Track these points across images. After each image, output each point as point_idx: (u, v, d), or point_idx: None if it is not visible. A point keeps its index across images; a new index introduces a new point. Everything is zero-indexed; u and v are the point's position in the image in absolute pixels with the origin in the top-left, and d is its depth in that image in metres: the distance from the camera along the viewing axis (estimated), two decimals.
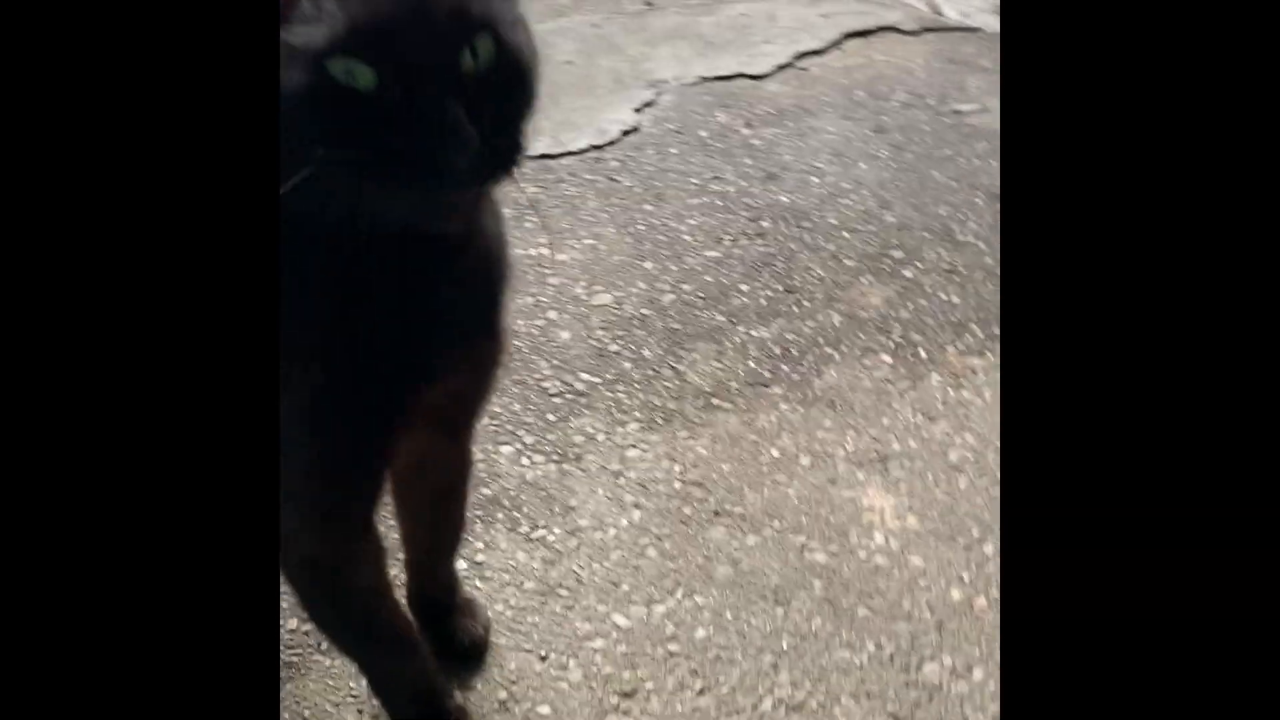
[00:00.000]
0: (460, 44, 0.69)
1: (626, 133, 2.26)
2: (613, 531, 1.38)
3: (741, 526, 1.40)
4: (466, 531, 1.18)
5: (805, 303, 1.81)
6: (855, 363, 1.69)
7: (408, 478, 1.08)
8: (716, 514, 1.41)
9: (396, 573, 1.16)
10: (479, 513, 1.39)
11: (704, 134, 2.28)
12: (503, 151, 0.73)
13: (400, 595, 1.13)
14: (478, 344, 0.91)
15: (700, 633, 1.25)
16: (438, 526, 1.15)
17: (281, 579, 0.99)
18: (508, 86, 0.73)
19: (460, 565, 1.32)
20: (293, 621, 1.25)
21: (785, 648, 1.24)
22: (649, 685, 1.19)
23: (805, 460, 1.50)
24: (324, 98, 0.68)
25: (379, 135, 0.68)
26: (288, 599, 1.25)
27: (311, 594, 1.00)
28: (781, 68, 2.59)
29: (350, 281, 0.77)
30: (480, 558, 1.33)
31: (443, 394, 0.91)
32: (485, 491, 1.42)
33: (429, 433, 0.98)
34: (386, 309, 0.80)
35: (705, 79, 2.51)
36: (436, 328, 0.84)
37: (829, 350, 1.71)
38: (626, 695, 1.18)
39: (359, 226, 0.72)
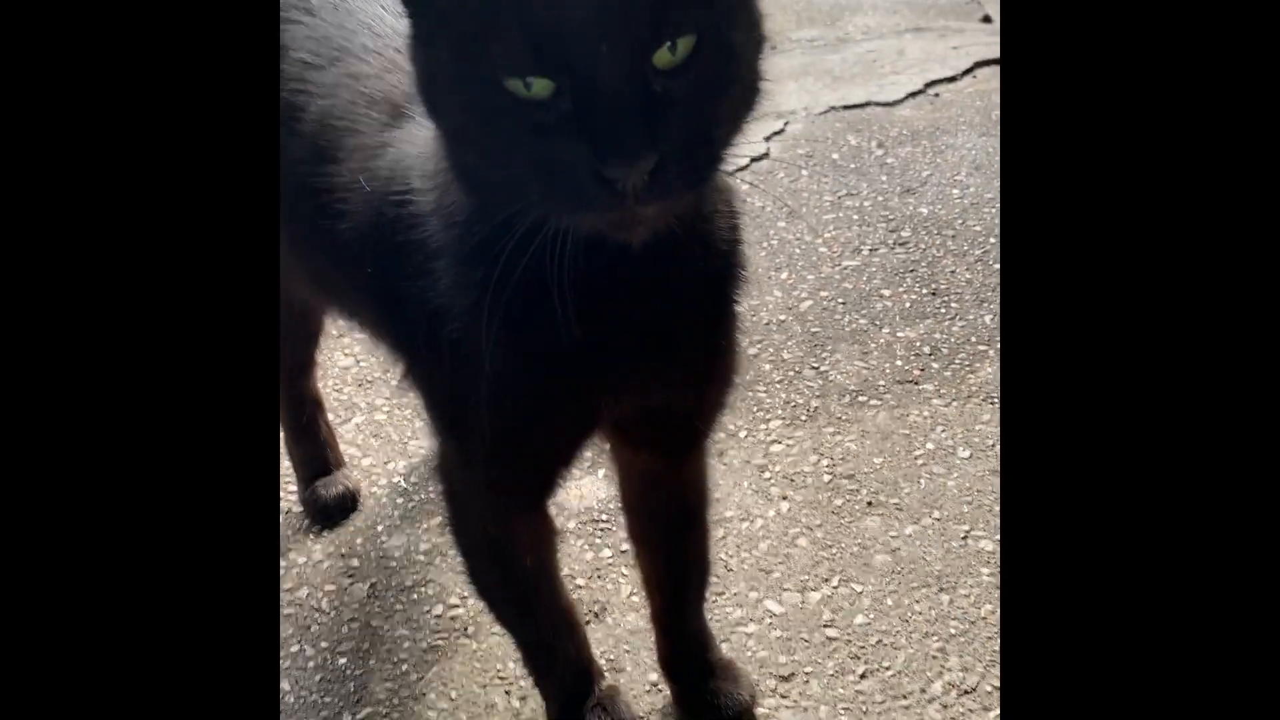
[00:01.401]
0: (651, 46, 0.62)
1: (755, 159, 2.26)
2: (760, 522, 1.32)
3: (898, 517, 1.32)
4: (709, 576, 1.07)
5: (953, 304, 1.73)
6: None
7: (639, 505, 1.03)
8: (870, 505, 1.34)
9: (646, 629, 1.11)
10: (620, 506, 1.36)
11: (835, 156, 2.25)
12: (693, 161, 0.65)
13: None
14: (688, 358, 0.83)
15: (859, 619, 1.18)
16: (675, 563, 1.04)
17: (456, 549, 0.98)
18: (709, 86, 0.65)
19: (616, 556, 1.29)
20: (439, 607, 1.23)
21: (953, 632, 1.14)
22: (807, 669, 1.12)
23: (964, 452, 1.42)
24: (496, 111, 0.64)
25: (549, 150, 0.63)
26: (437, 581, 1.24)
27: (478, 564, 0.98)
28: (913, 94, 2.55)
29: (538, 277, 0.70)
30: (625, 547, 1.29)
31: (646, 405, 0.86)
32: None
33: (650, 452, 0.94)
34: (573, 307, 0.73)
35: (835, 108, 2.49)
36: (628, 336, 0.78)
37: (982, 348, 1.63)
38: (784, 679, 1.11)
39: (543, 230, 0.67)
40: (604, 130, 0.61)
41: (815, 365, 1.61)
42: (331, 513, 1.37)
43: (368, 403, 1.59)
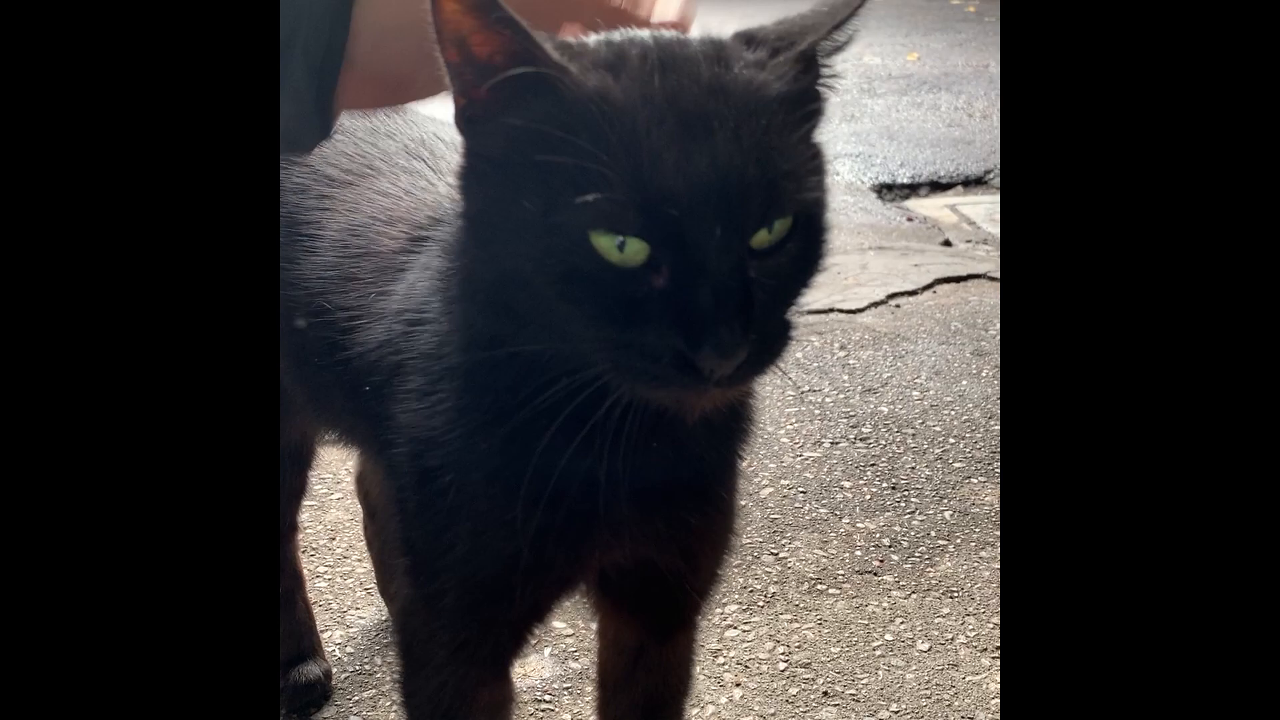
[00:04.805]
0: (759, 227, 0.60)
1: None
2: (711, 709, 1.26)
3: (854, 709, 1.26)
4: None
5: (913, 499, 1.73)
6: (972, 555, 1.58)
7: (615, 682, 0.96)
8: (826, 694, 1.28)
9: None
10: (567, 686, 1.29)
11: (799, 354, 2.30)
12: (773, 347, 0.64)
13: None
14: (682, 517, 0.79)
15: None
16: None
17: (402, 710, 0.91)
18: (795, 269, 0.64)
19: None
20: None
21: None
22: None
23: (923, 645, 1.37)
24: (573, 269, 0.60)
25: (633, 325, 0.60)
26: None
27: None
28: (875, 304, 2.65)
29: (572, 428, 0.66)
30: None
31: (638, 555, 0.81)
32: (574, 665, 1.32)
33: (640, 622, 0.90)
34: (576, 455, 0.69)
35: (799, 311, 2.56)
36: (635, 484, 0.73)
37: (941, 542, 1.61)
38: None
39: (603, 396, 0.63)
40: (704, 320, 0.58)
41: (774, 551, 1.58)
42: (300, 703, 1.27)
43: (310, 570, 1.53)
